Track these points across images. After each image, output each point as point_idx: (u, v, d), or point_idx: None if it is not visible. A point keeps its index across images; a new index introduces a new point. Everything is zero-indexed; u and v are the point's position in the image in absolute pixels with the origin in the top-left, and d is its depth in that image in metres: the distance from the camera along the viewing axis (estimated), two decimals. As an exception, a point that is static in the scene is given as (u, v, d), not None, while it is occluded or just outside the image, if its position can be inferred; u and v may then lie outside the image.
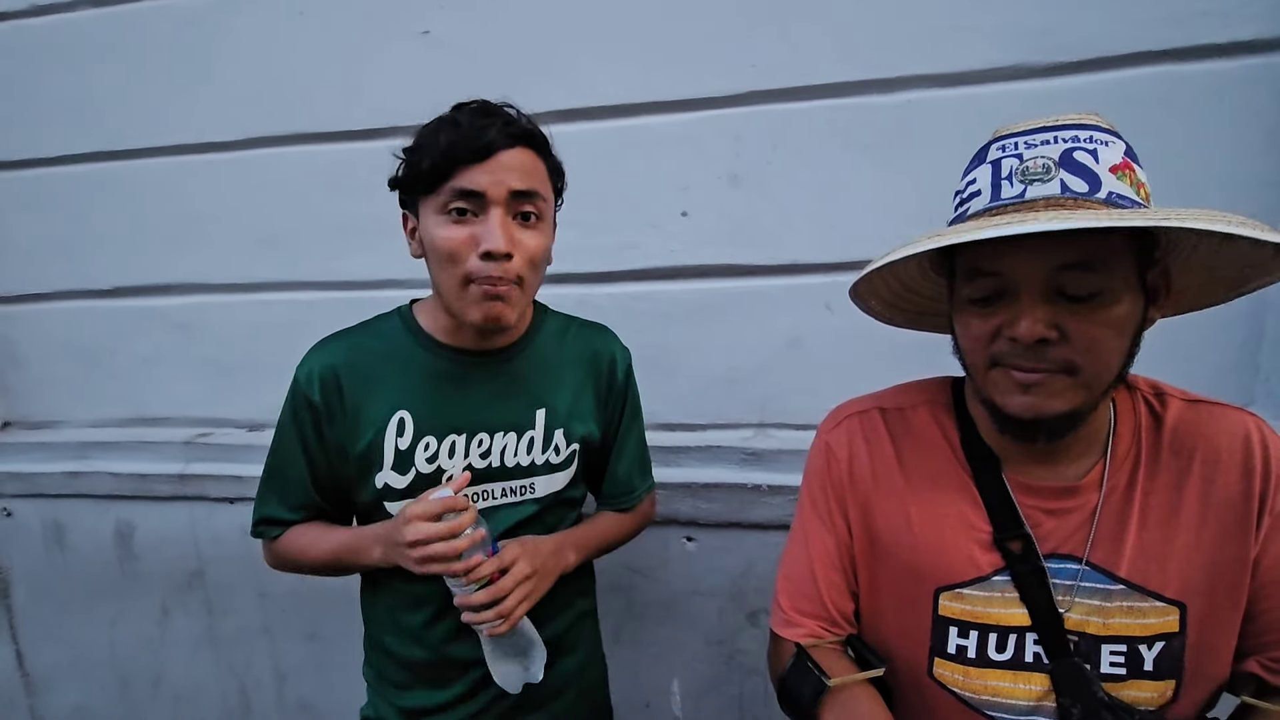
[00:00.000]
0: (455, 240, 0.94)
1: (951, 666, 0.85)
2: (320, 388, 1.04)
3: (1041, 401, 0.75)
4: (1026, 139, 0.75)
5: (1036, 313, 0.72)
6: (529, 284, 1.00)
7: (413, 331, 1.08)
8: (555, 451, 1.11)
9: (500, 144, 0.94)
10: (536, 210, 0.98)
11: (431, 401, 1.05)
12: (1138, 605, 0.79)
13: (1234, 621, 0.80)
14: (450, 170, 0.94)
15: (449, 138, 0.94)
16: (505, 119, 0.97)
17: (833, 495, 0.95)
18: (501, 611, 0.96)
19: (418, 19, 1.55)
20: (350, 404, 1.04)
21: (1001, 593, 0.83)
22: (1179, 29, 1.28)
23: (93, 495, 1.84)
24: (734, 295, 1.54)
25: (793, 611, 0.96)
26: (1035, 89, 1.34)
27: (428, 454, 1.04)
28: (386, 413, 1.03)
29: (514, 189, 0.95)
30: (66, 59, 1.75)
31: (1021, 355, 0.74)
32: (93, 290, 1.86)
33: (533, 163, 0.98)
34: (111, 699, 1.98)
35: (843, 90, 1.42)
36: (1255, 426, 0.81)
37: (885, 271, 0.82)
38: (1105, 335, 0.73)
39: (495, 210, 0.94)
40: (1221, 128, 1.30)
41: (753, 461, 1.53)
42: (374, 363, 1.06)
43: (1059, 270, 0.71)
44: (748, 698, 1.62)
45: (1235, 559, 0.79)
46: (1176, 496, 0.81)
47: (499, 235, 0.93)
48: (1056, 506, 0.83)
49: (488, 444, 1.07)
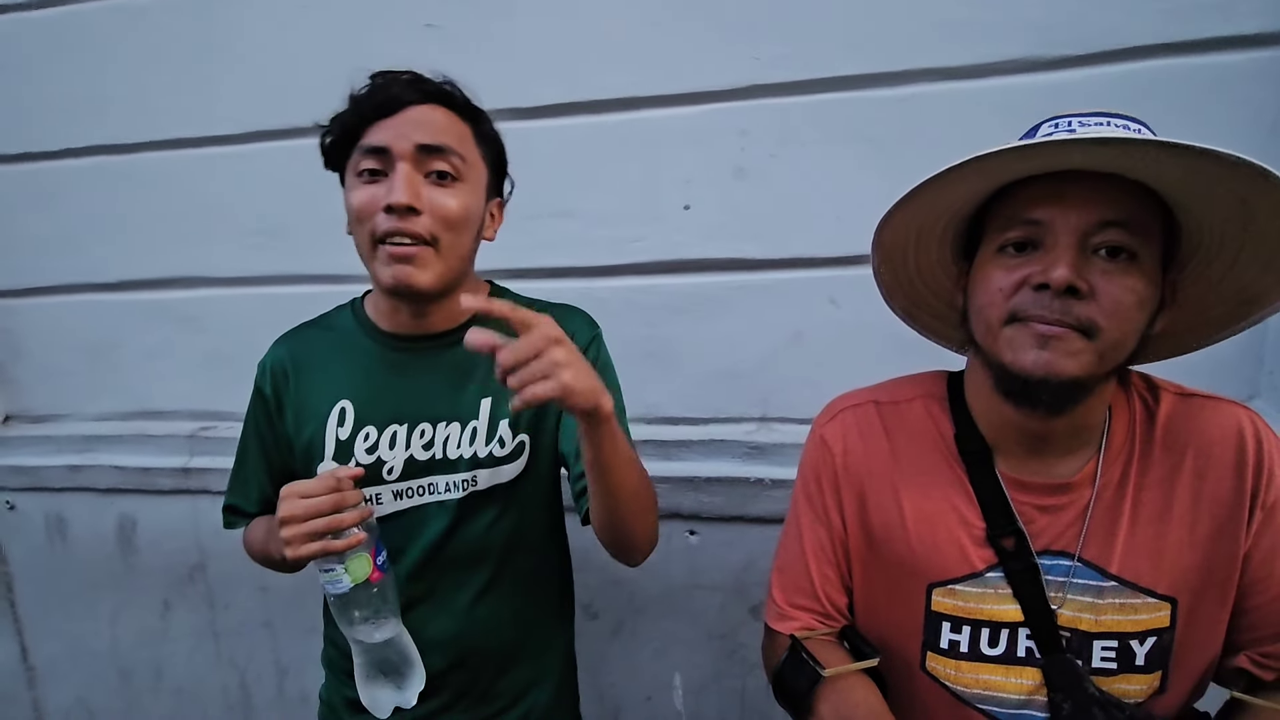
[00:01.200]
0: (363, 198, 0.92)
1: (944, 661, 0.85)
2: (271, 380, 1.05)
3: (1056, 359, 0.73)
4: (1080, 118, 0.75)
5: (1072, 260, 0.71)
6: (446, 246, 0.93)
7: (359, 320, 1.06)
8: (500, 444, 1.03)
9: (407, 98, 0.92)
10: (451, 168, 0.93)
11: (372, 390, 1.02)
12: (1130, 601, 0.79)
13: (1223, 616, 0.80)
14: (359, 129, 0.92)
15: (358, 98, 0.94)
16: (416, 78, 0.95)
17: (827, 489, 0.95)
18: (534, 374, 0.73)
19: (422, 12, 1.55)
20: (297, 396, 1.04)
21: (994, 589, 0.83)
22: (1182, 23, 1.28)
23: (95, 489, 1.84)
24: (737, 289, 1.54)
25: (787, 605, 0.96)
26: (1039, 82, 1.35)
27: (367, 444, 1.00)
28: (329, 403, 1.01)
29: (420, 143, 0.91)
30: (70, 52, 1.75)
31: (1046, 306, 0.73)
32: (96, 284, 1.86)
33: (446, 120, 0.94)
34: (113, 692, 1.98)
35: (847, 84, 1.42)
36: (1248, 420, 0.81)
37: (904, 248, 0.85)
38: (1129, 302, 0.72)
39: (401, 165, 0.90)
40: (1224, 121, 1.30)
41: (755, 455, 1.53)
42: (321, 353, 1.05)
43: (1100, 227, 0.71)
44: (750, 692, 1.62)
45: (1227, 554, 0.79)
46: (1169, 492, 0.80)
47: (401, 188, 0.89)
48: (1049, 503, 0.83)
49: (430, 434, 1.02)
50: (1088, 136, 0.67)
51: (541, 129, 1.54)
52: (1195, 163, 0.66)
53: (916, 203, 0.78)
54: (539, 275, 1.60)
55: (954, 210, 0.83)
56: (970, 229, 0.85)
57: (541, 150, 1.55)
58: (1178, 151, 0.64)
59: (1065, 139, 0.67)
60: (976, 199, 0.82)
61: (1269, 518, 0.78)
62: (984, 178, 0.75)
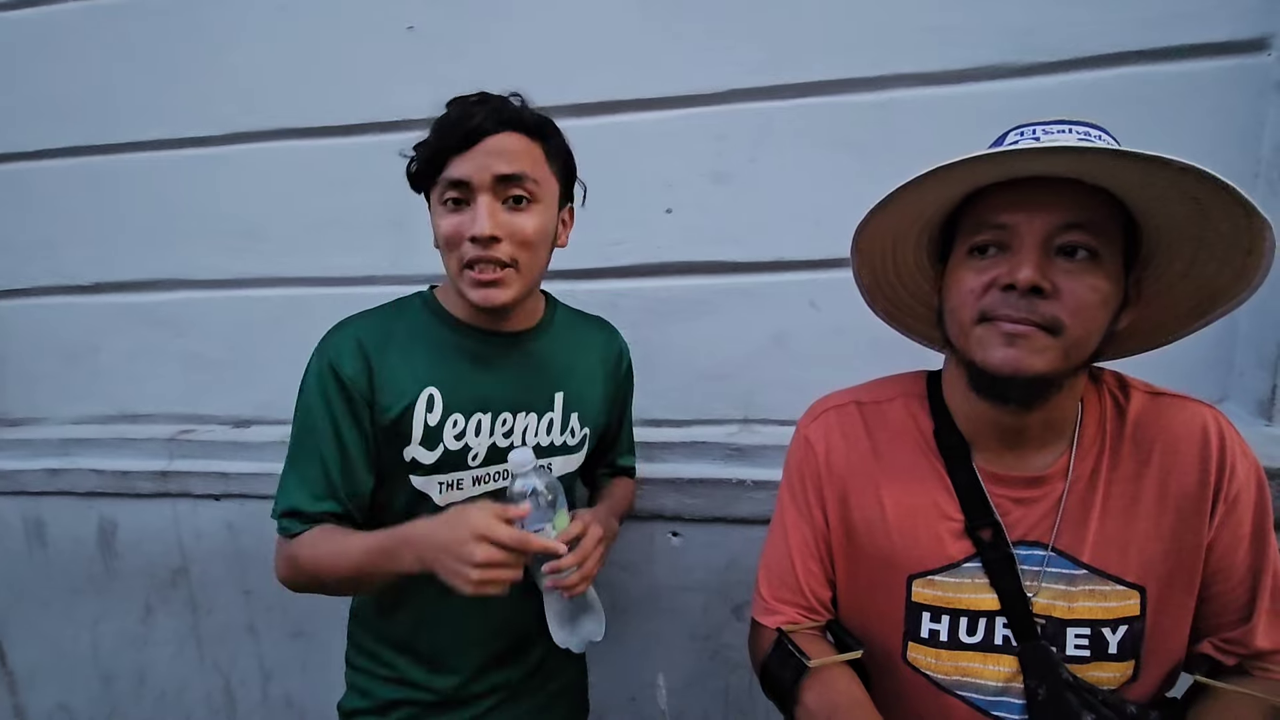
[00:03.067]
0: (449, 227, 0.99)
1: (925, 650, 0.88)
2: (349, 361, 1.02)
3: (1023, 356, 0.76)
4: (1044, 127, 0.79)
5: (1036, 260, 0.75)
6: (525, 265, 1.02)
7: (435, 312, 1.10)
8: (571, 434, 1.16)
9: (486, 129, 0.96)
10: (527, 193, 1.00)
11: (458, 379, 1.07)
12: (1100, 589, 0.83)
13: (1189, 605, 0.84)
14: (442, 162, 0.98)
15: (439, 131, 0.98)
16: (494, 106, 0.99)
17: (810, 487, 0.98)
18: (585, 574, 0.99)
19: (402, 14, 1.55)
20: (380, 375, 1.03)
21: (972, 579, 0.87)
22: (1157, 30, 1.30)
23: (75, 493, 1.82)
24: (718, 292, 1.55)
25: (773, 599, 0.99)
26: (1015, 88, 1.36)
27: (455, 431, 1.06)
28: (416, 387, 1.04)
29: (499, 174, 0.97)
30: (47, 52, 1.73)
31: (1013, 306, 0.76)
32: (74, 286, 1.84)
33: (522, 146, 1.00)
34: (95, 697, 1.97)
35: (825, 89, 1.43)
36: (1213, 419, 0.85)
37: (883, 252, 0.89)
38: (1092, 300, 0.75)
39: (482, 196, 0.97)
40: (1197, 127, 1.32)
41: (737, 457, 1.54)
42: (399, 338, 1.06)
43: (1061, 229, 0.75)
44: (733, 691, 1.63)
45: (1191, 545, 0.82)
46: (1137, 486, 0.84)
47: (484, 221, 0.96)
48: (1024, 495, 0.87)
49: (510, 424, 1.10)
50: (1042, 146, 0.71)
51: None
52: (1147, 168, 0.69)
53: (890, 210, 0.81)
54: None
55: (926, 216, 0.86)
56: (944, 234, 0.88)
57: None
58: (1129, 158, 0.68)
59: (1022, 148, 0.71)
60: (947, 205, 0.84)
61: (1230, 510, 0.82)
62: (949, 185, 0.79)
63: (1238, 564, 0.83)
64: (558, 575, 0.97)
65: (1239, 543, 0.83)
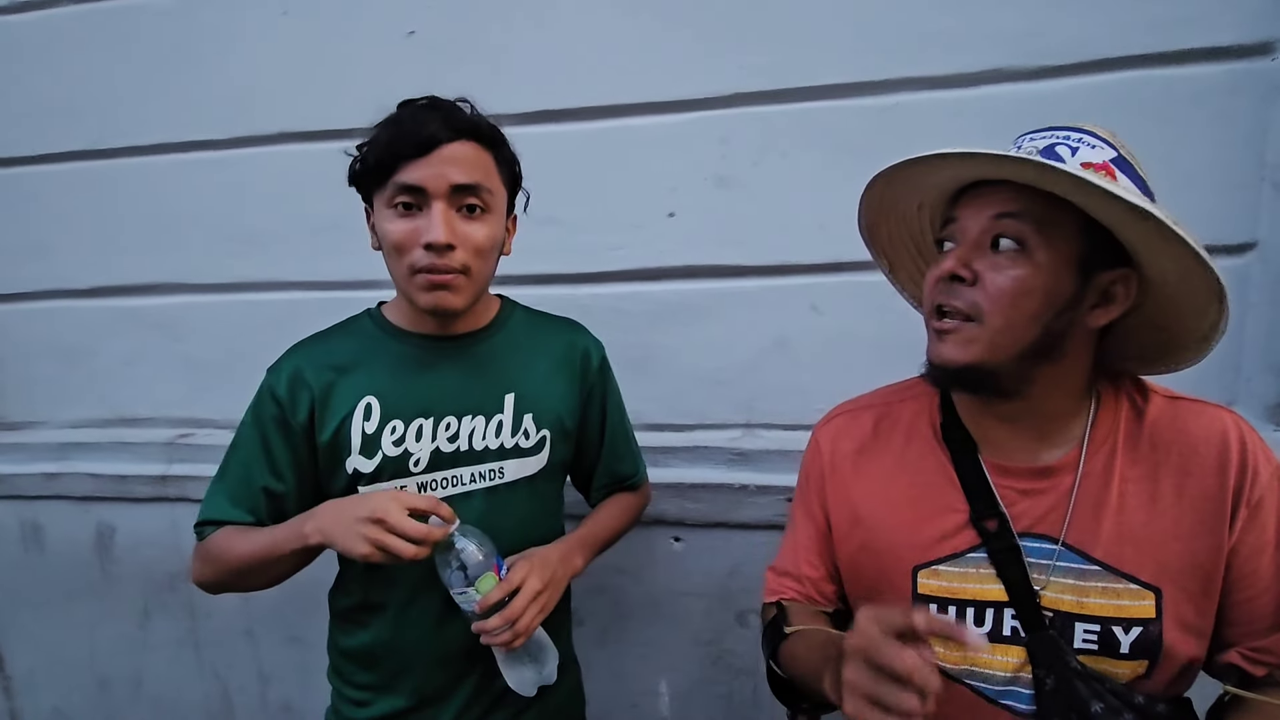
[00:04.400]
0: (400, 233, 0.98)
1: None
2: (288, 386, 1.04)
3: (948, 350, 0.82)
4: (1032, 135, 0.83)
5: (959, 252, 0.80)
6: (476, 272, 1.02)
7: (380, 325, 1.11)
8: (525, 435, 1.12)
9: (441, 138, 0.96)
10: (481, 203, 1.00)
11: (398, 386, 1.06)
12: (1113, 586, 0.82)
13: (1209, 609, 0.82)
14: (394, 165, 0.96)
15: (391, 134, 0.97)
16: (448, 113, 0.99)
17: (814, 487, 1.02)
18: (517, 631, 0.98)
19: (403, 19, 1.54)
20: (321, 397, 1.04)
21: (977, 569, 0.87)
22: (1160, 34, 1.30)
23: (72, 496, 1.82)
24: (721, 296, 1.55)
25: (777, 584, 1.03)
26: (1019, 92, 1.36)
27: (394, 437, 1.05)
28: (353, 399, 1.04)
29: (455, 183, 0.96)
30: (45, 56, 1.72)
31: (942, 294, 0.82)
32: (72, 290, 1.83)
33: (476, 155, 1.00)
34: (92, 702, 1.96)
35: (829, 93, 1.43)
36: (1233, 423, 0.84)
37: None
38: (1010, 289, 0.78)
39: (437, 204, 0.96)
40: (1201, 131, 1.31)
41: (739, 462, 1.53)
42: (343, 357, 1.07)
43: (996, 219, 0.79)
44: (735, 697, 1.62)
45: (1210, 548, 0.81)
46: (1154, 486, 0.84)
47: (440, 228, 0.95)
48: (1030, 487, 0.87)
49: (455, 427, 1.08)
50: (940, 150, 0.76)
51: (525, 136, 1.50)
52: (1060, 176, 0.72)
53: (875, 212, 0.92)
54: (523, 282, 1.59)
55: (909, 216, 0.94)
56: None
57: (525, 157, 1.51)
58: (1029, 166, 0.73)
59: (923, 154, 0.78)
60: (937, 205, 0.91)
61: (1253, 514, 0.81)
62: (911, 187, 0.87)
63: (1263, 570, 0.81)
64: (488, 635, 0.98)
65: (1264, 548, 0.81)
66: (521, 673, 1.07)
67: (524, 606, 0.98)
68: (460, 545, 0.95)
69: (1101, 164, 0.78)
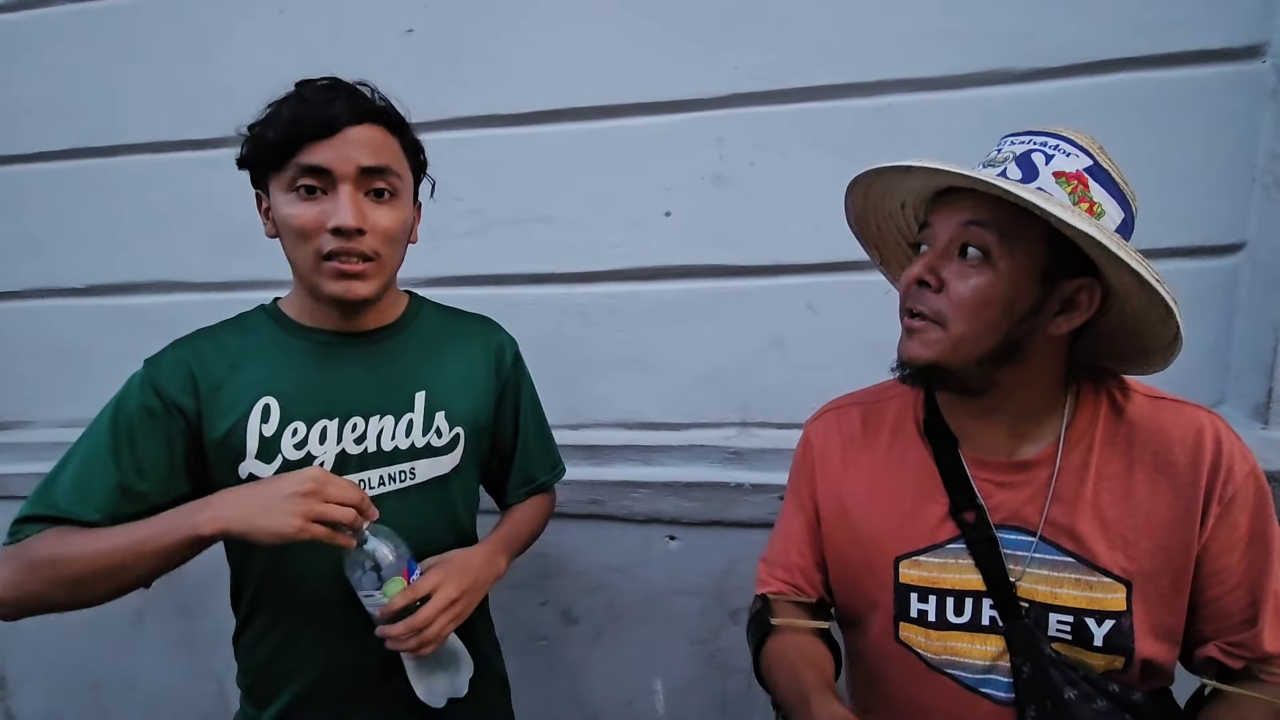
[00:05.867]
0: (305, 218, 0.93)
1: (915, 629, 0.91)
2: (171, 378, 0.96)
3: (912, 347, 0.85)
4: (1013, 138, 0.85)
5: (928, 259, 0.83)
6: (386, 259, 0.98)
7: (278, 321, 1.04)
8: (437, 434, 1.08)
9: (346, 119, 0.92)
10: (390, 187, 0.97)
11: (300, 385, 1.00)
12: (1086, 579, 0.84)
13: (1179, 604, 0.84)
14: (295, 146, 0.92)
15: (293, 113, 0.92)
16: (351, 94, 0.96)
17: (803, 481, 1.05)
18: (424, 640, 0.93)
19: (402, 18, 1.54)
20: (208, 394, 0.97)
21: (956, 559, 0.90)
22: (1153, 37, 1.31)
23: (65, 496, 1.80)
24: (716, 295, 1.55)
25: (767, 575, 1.05)
26: (1012, 94, 1.37)
27: (295, 440, 0.99)
28: (248, 399, 0.98)
29: (363, 165, 0.93)
30: (40, 54, 1.71)
31: (912, 298, 0.86)
32: (65, 289, 1.82)
33: (383, 139, 0.97)
34: (85, 703, 1.95)
35: (824, 93, 1.44)
36: (1209, 422, 0.86)
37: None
38: (973, 297, 0.80)
39: (344, 187, 0.92)
40: (1192, 133, 1.33)
41: (735, 460, 1.54)
42: (232, 352, 1.00)
43: (964, 226, 0.81)
44: (730, 696, 1.63)
45: (1181, 545, 0.83)
46: (1128, 482, 0.86)
47: (349, 211, 0.92)
48: (1007, 480, 0.90)
49: (362, 428, 1.03)
50: (902, 162, 0.80)
51: (522, 136, 1.53)
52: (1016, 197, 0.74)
53: (863, 206, 0.95)
54: (519, 281, 1.60)
55: (894, 213, 0.96)
56: None
57: (522, 157, 1.54)
58: (972, 180, 0.76)
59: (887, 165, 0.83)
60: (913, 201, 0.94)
61: (1225, 512, 0.83)
62: (891, 190, 0.91)
63: (1234, 567, 0.83)
64: (393, 641, 0.93)
65: (1235, 545, 0.83)
66: (430, 682, 1.03)
67: (434, 615, 0.94)
68: (372, 546, 0.90)
69: (1075, 173, 0.79)
